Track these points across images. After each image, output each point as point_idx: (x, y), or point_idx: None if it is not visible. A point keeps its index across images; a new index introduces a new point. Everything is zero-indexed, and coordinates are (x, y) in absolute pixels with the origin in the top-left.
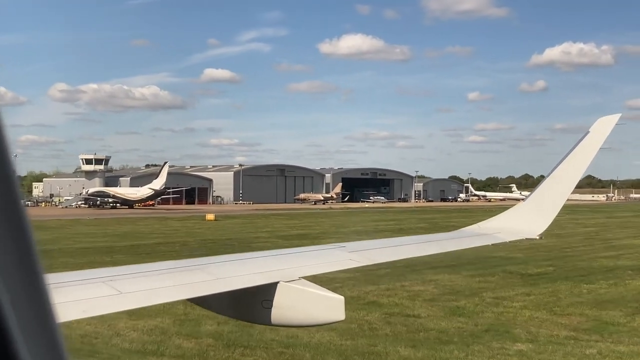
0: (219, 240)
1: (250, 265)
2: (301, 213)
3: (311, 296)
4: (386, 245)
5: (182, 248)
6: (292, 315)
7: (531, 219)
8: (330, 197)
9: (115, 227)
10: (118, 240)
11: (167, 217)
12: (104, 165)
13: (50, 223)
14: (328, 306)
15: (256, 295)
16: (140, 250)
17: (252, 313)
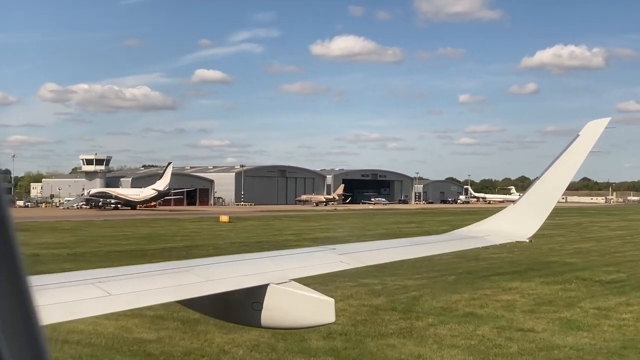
0: (249, 242)
1: (241, 266)
2: (311, 215)
3: (301, 298)
4: (376, 247)
5: (217, 251)
6: (282, 317)
7: (522, 222)
8: (332, 199)
9: (131, 229)
10: (146, 244)
11: (178, 219)
12: (105, 166)
13: (61, 224)
14: (318, 308)
15: (246, 297)
16: (175, 254)
17: (242, 315)
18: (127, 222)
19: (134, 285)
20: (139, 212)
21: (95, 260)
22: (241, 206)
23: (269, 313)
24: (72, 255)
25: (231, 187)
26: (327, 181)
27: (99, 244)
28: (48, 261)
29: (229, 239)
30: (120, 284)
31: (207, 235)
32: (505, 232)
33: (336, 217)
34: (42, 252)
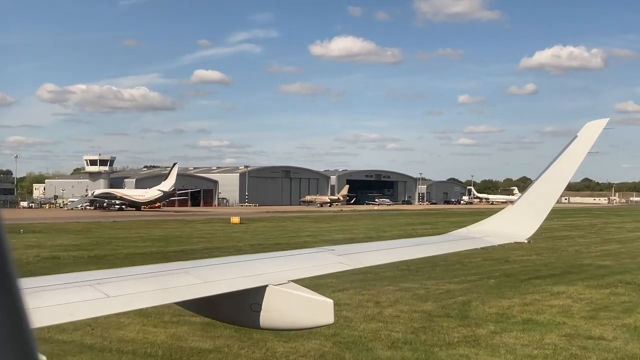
0: (267, 244)
1: (239, 268)
2: (320, 216)
3: (300, 299)
4: (375, 248)
5: (238, 254)
6: (281, 318)
7: (520, 223)
8: (336, 200)
9: (143, 230)
10: (164, 245)
11: (187, 220)
12: (109, 167)
13: (71, 226)
14: (317, 309)
15: (245, 299)
16: (196, 256)
17: (240, 317)
18: (136, 223)
19: (132, 287)
20: (145, 213)
21: (119, 263)
22: (245, 207)
23: (267, 314)
24: (92, 257)
25: (235, 187)
26: (331, 182)
27: (117, 246)
28: (70, 264)
29: (246, 241)
30: (118, 286)
31: (223, 237)
32: (504, 232)
33: (346, 218)
34: (62, 254)
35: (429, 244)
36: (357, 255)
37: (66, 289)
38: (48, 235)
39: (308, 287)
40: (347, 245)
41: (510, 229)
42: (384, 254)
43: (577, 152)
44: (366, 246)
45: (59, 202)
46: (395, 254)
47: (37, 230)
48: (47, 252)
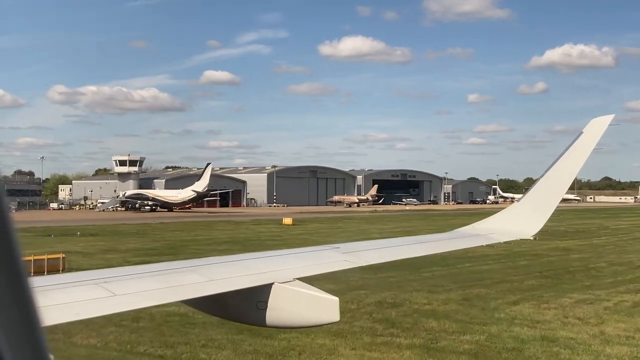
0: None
1: (244, 266)
2: (364, 216)
3: (306, 297)
4: (380, 246)
5: None
6: (287, 316)
7: (525, 220)
8: (365, 200)
9: (202, 232)
10: (242, 249)
11: (236, 222)
12: (138, 167)
13: (123, 228)
14: (323, 307)
15: (251, 297)
16: None
17: (246, 315)
18: (184, 224)
19: (139, 286)
20: (181, 214)
21: None
22: (274, 208)
23: (273, 312)
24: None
25: (263, 188)
26: (357, 182)
27: (198, 250)
28: None
29: (320, 243)
30: (124, 284)
31: (293, 238)
32: (509, 230)
33: (389, 218)
34: (155, 259)
35: (434, 241)
36: (362, 252)
37: (72, 288)
38: (110, 238)
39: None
40: (351, 243)
41: (515, 225)
42: (390, 251)
43: (582, 149)
44: (371, 244)
45: (88, 203)
46: (401, 252)
47: (93, 233)
48: (136, 258)
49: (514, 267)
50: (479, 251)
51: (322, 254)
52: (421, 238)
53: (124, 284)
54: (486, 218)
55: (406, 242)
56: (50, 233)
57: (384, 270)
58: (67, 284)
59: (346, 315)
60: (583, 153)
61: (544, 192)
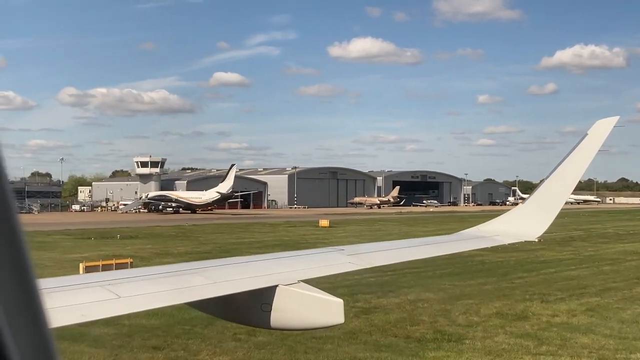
0: None
1: (249, 268)
2: (395, 218)
3: (310, 299)
4: (384, 248)
5: None
6: (291, 318)
7: (530, 222)
8: (386, 201)
9: (243, 234)
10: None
11: (271, 224)
12: (160, 168)
13: (158, 230)
14: (327, 309)
15: (255, 299)
16: None
17: (251, 317)
18: (221, 227)
19: (144, 288)
20: (207, 215)
21: None
22: (295, 209)
23: (278, 314)
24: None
25: (283, 189)
26: (377, 183)
27: (249, 253)
28: None
29: None
30: (130, 287)
31: (340, 241)
32: (514, 231)
33: (423, 220)
34: None
35: (439, 243)
36: (367, 255)
37: (78, 290)
38: (154, 241)
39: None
40: (356, 245)
41: (520, 227)
42: (394, 253)
43: (587, 151)
44: (375, 246)
45: (109, 205)
46: (405, 254)
47: (132, 235)
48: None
49: (602, 272)
50: (547, 255)
51: (326, 256)
52: (426, 240)
53: (129, 286)
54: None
55: (411, 243)
56: (90, 236)
57: (465, 277)
58: (73, 286)
59: (477, 329)
60: (588, 155)
61: (548, 193)
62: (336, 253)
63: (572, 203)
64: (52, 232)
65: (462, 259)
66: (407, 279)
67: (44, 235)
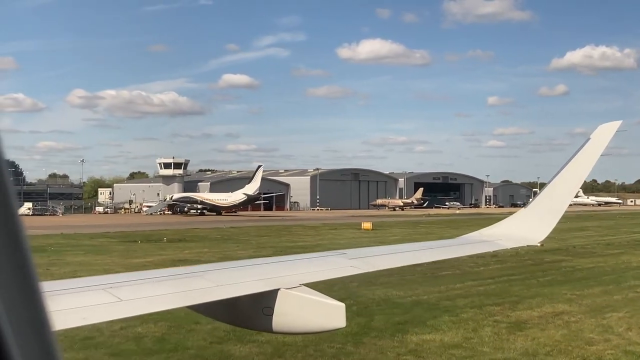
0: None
1: (251, 272)
2: (433, 221)
3: (312, 303)
4: (387, 252)
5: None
6: (293, 322)
7: (533, 226)
8: (409, 203)
9: (292, 237)
10: None
11: (311, 226)
12: (183, 170)
13: (203, 233)
14: (329, 313)
15: (257, 302)
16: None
17: (252, 320)
18: (261, 229)
19: (145, 291)
20: (234, 217)
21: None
22: (318, 211)
23: (280, 318)
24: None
25: (306, 191)
26: (399, 184)
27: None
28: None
29: None
30: (131, 290)
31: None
32: (516, 236)
33: (461, 222)
34: None
35: (441, 247)
36: (369, 258)
37: (79, 293)
38: (205, 244)
39: None
40: (358, 249)
41: (523, 232)
42: (396, 257)
43: (590, 155)
44: (377, 250)
45: (132, 207)
46: (408, 258)
47: (179, 238)
48: None
49: None
50: (634, 261)
51: (328, 259)
52: (428, 244)
53: (130, 289)
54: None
55: (413, 247)
56: (135, 239)
57: (578, 285)
58: (74, 289)
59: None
60: (591, 159)
61: (551, 197)
62: (338, 256)
63: (594, 205)
64: (95, 235)
65: (548, 265)
66: (518, 287)
67: (88, 238)
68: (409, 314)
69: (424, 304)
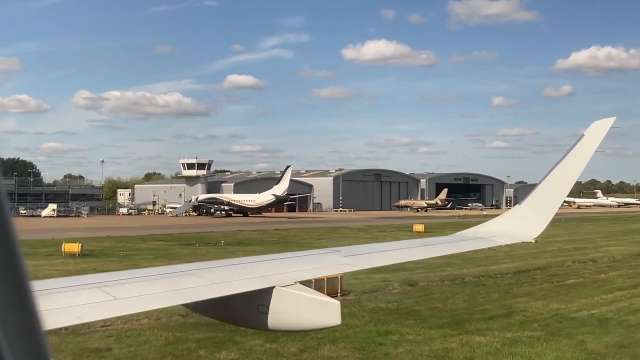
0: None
1: (246, 269)
2: (472, 222)
3: (307, 301)
4: (381, 249)
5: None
6: (288, 319)
7: (527, 223)
8: (434, 204)
9: (344, 241)
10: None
11: (349, 227)
12: (207, 170)
13: (250, 235)
14: (324, 311)
15: (252, 300)
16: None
17: (248, 318)
18: (309, 231)
19: (140, 289)
20: (263, 219)
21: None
22: (341, 212)
23: (275, 316)
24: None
25: (328, 192)
26: (421, 185)
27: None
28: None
29: (545, 257)
30: (126, 288)
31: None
32: (511, 233)
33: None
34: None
35: (436, 244)
36: (364, 256)
37: (73, 292)
38: (269, 249)
39: None
40: (352, 246)
41: (517, 229)
42: (391, 254)
43: (584, 152)
44: (372, 247)
45: (155, 208)
46: (403, 255)
47: (240, 241)
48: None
49: None
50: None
51: (323, 257)
52: (423, 241)
53: (125, 287)
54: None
55: (408, 245)
56: (191, 242)
57: None
58: (68, 288)
59: None
60: (585, 156)
61: (546, 195)
62: (333, 254)
63: (612, 206)
64: (145, 238)
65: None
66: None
67: (139, 241)
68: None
69: None
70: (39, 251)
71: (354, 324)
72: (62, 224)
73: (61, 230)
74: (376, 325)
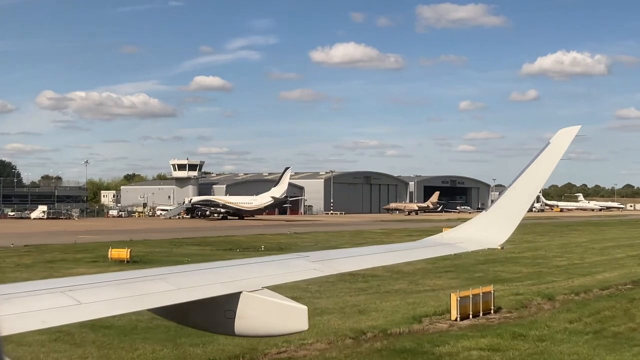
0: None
1: (213, 275)
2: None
3: (274, 306)
4: (349, 254)
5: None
6: (255, 325)
7: (493, 229)
8: (425, 207)
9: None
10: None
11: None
12: (198, 171)
13: (274, 239)
14: (291, 316)
15: (219, 306)
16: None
17: (214, 323)
18: (331, 235)
19: (105, 294)
20: (262, 222)
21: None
22: (333, 215)
23: (242, 321)
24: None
25: (319, 194)
26: (409, 188)
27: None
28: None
29: (561, 263)
30: (91, 293)
31: (525, 257)
32: (477, 239)
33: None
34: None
35: (403, 250)
36: (331, 261)
37: (37, 296)
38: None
39: None
40: (320, 251)
41: (483, 235)
42: (359, 260)
43: (550, 159)
44: (340, 252)
45: (145, 210)
46: (371, 260)
47: (282, 247)
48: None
49: None
50: None
51: (290, 262)
52: (390, 247)
53: (90, 292)
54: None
55: (376, 250)
56: (227, 247)
57: None
58: (31, 292)
59: None
60: (550, 163)
61: (512, 201)
62: (301, 259)
63: (594, 210)
64: (175, 243)
65: None
66: None
67: (171, 246)
68: None
69: None
70: (77, 257)
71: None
72: (61, 227)
73: (66, 233)
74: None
